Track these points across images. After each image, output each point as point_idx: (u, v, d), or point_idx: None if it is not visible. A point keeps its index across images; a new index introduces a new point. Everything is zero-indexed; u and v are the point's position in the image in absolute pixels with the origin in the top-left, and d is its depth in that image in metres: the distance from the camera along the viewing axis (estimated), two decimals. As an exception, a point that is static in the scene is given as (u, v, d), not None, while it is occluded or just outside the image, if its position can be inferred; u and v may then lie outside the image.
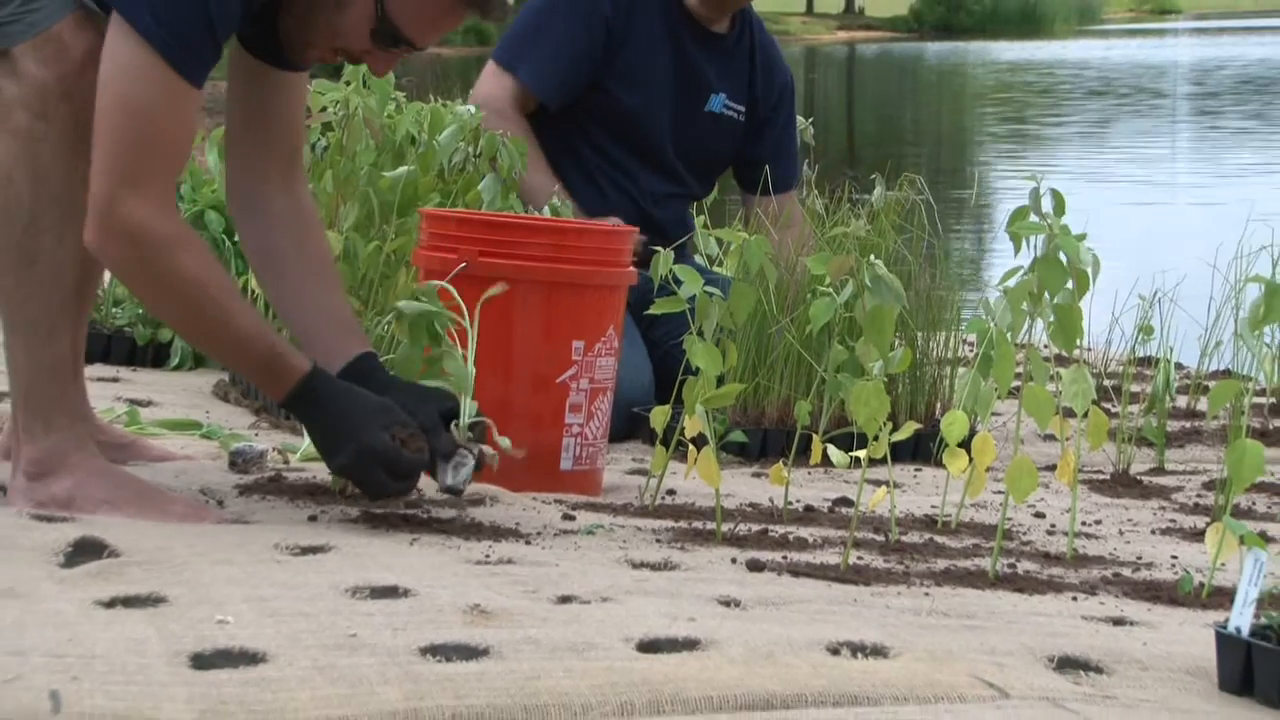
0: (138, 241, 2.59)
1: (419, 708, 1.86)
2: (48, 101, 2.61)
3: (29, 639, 1.96)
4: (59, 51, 2.62)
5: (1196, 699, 2.11)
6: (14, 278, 2.66)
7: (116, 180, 2.56)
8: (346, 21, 2.70)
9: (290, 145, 2.95)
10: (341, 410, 2.70)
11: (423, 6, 2.71)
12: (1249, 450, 2.60)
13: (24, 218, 2.63)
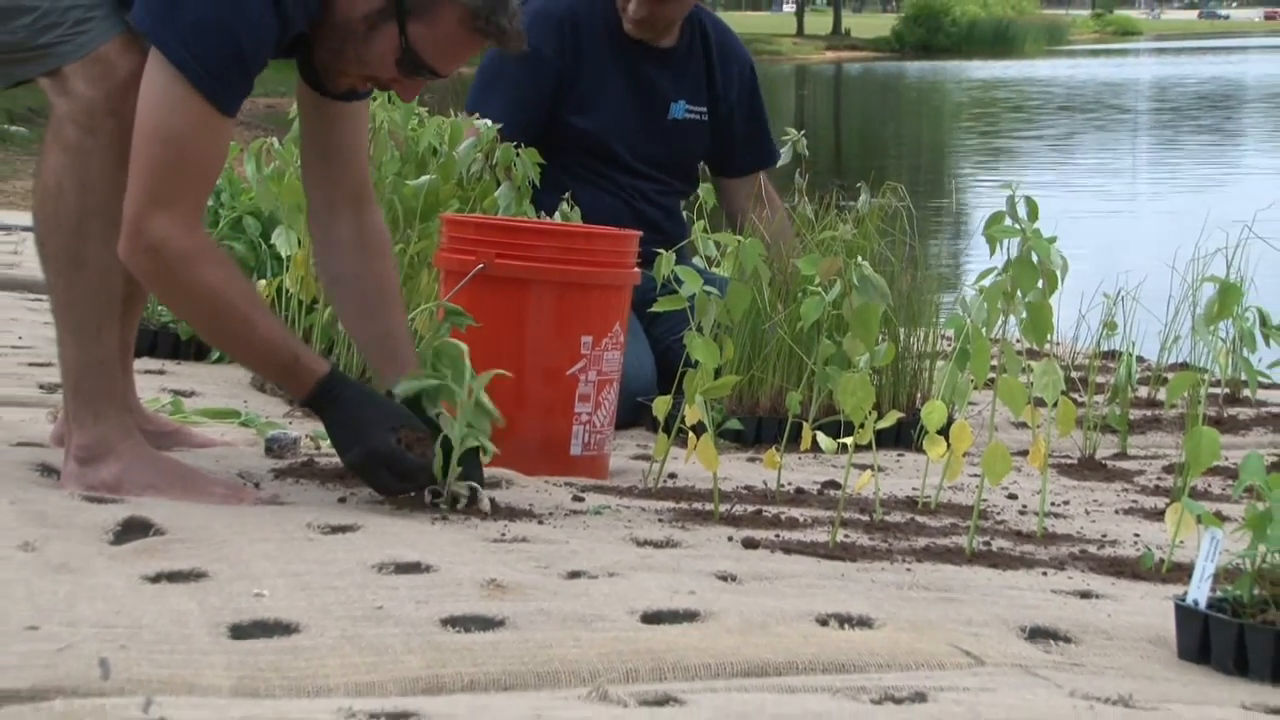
0: (161, 255, 2.59)
1: (440, 675, 1.86)
2: (95, 117, 2.61)
3: (80, 611, 1.96)
4: (106, 71, 2.62)
5: (1157, 666, 2.10)
6: (65, 280, 2.67)
7: (147, 200, 2.56)
8: (374, 53, 2.70)
9: (356, 176, 2.95)
10: (354, 412, 2.70)
11: (443, 38, 2.71)
12: (1205, 437, 2.60)
13: (73, 225, 2.64)
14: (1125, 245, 9.84)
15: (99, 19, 2.63)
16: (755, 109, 4.45)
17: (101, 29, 2.62)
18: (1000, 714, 1.74)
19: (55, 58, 2.61)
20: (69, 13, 2.61)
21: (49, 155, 2.65)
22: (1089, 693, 1.90)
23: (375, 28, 2.68)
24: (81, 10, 2.62)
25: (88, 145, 2.62)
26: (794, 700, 1.77)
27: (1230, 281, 3.52)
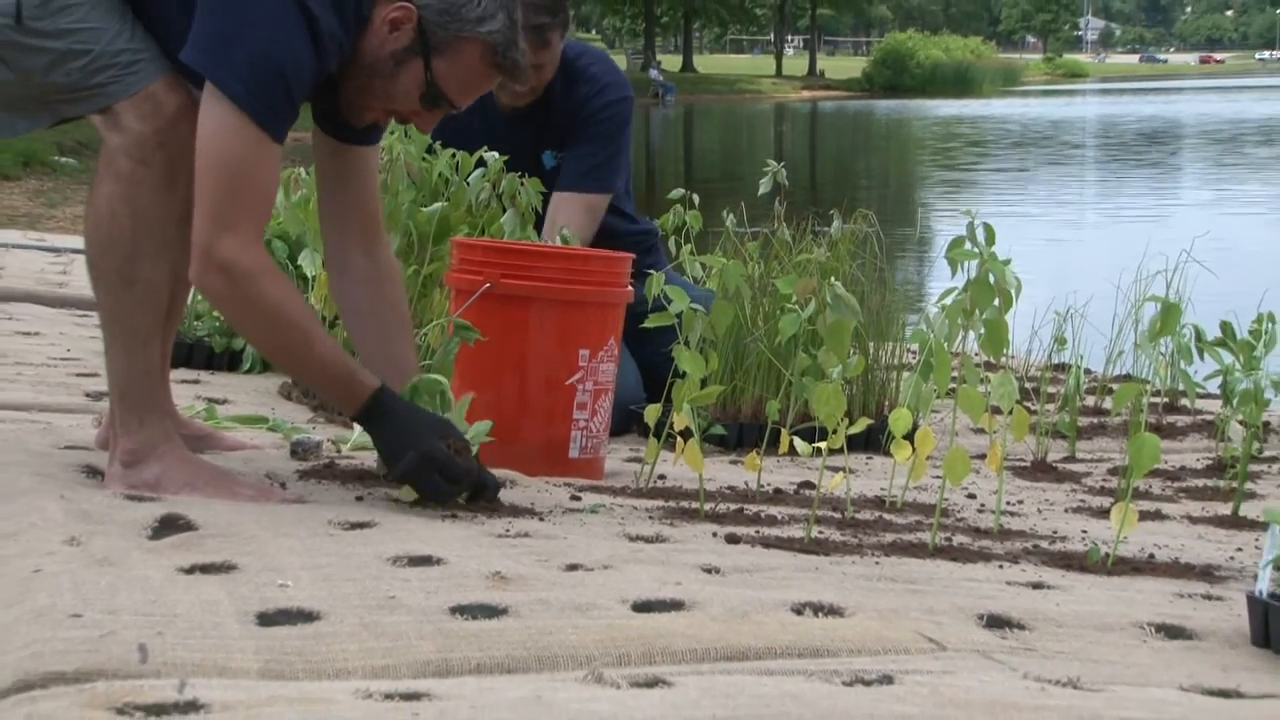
0: (232, 276, 2.58)
1: (449, 659, 1.85)
2: (146, 149, 2.61)
3: (121, 600, 1.95)
4: (155, 107, 2.62)
5: (1104, 650, 2.10)
6: (116, 297, 2.67)
7: (215, 224, 2.56)
8: (399, 87, 2.71)
9: (368, 213, 2.94)
10: (405, 422, 2.69)
11: (463, 73, 2.72)
12: (1147, 442, 2.60)
13: (125, 247, 2.64)
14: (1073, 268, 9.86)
15: (146, 61, 2.63)
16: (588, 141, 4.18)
17: (149, 70, 2.63)
18: (960, 695, 1.74)
19: (108, 96, 2.62)
20: (120, 55, 2.61)
21: (102, 184, 2.65)
22: (1041, 675, 1.89)
23: (402, 64, 2.69)
24: (131, 53, 2.62)
25: (139, 175, 2.62)
26: (772, 682, 1.77)
27: (1170, 301, 3.52)
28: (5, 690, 1.68)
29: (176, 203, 2.65)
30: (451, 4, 2.67)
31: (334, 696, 1.66)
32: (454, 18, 2.68)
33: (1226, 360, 3.79)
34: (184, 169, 2.63)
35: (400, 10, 2.66)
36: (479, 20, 2.68)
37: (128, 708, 1.59)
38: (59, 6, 2.58)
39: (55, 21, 2.58)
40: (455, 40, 2.69)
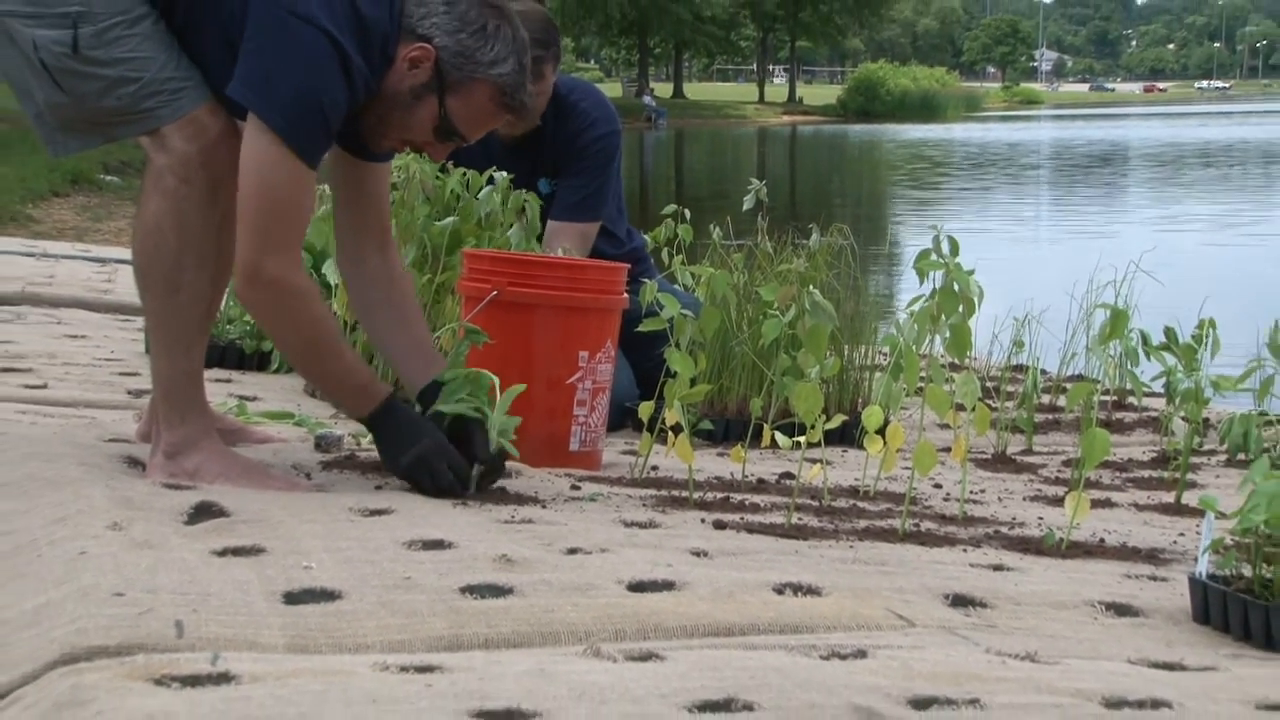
0: (276, 291, 2.60)
1: (459, 634, 1.85)
2: (190, 169, 2.62)
3: (159, 580, 1.95)
4: (199, 130, 2.62)
5: (1059, 626, 2.10)
6: (161, 303, 2.67)
7: (259, 246, 2.56)
8: (415, 120, 2.72)
9: (380, 220, 2.95)
10: (406, 427, 2.72)
11: (474, 110, 2.73)
12: (1098, 437, 2.60)
13: (171, 258, 2.64)
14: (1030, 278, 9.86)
15: (191, 88, 2.63)
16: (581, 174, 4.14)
17: (194, 96, 2.63)
18: (928, 668, 1.73)
19: (156, 119, 2.62)
20: (167, 82, 2.61)
21: (149, 200, 2.65)
22: (1001, 649, 1.89)
23: (419, 99, 2.70)
24: (177, 81, 2.62)
25: (184, 192, 2.62)
26: (756, 656, 1.77)
27: (1119, 309, 3.52)
28: (53, 662, 1.68)
29: (217, 217, 2.66)
30: (466, 47, 2.68)
31: (354, 669, 1.66)
32: (468, 60, 2.69)
33: (1170, 362, 3.80)
34: (224, 187, 2.63)
35: (420, 50, 2.67)
36: (491, 64, 2.70)
37: (165, 679, 1.59)
38: (113, 37, 2.58)
39: (109, 51, 2.58)
40: (468, 81, 2.70)
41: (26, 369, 4.00)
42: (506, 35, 2.72)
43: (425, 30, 2.68)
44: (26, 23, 2.56)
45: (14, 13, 2.56)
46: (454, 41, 2.68)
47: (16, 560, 2.10)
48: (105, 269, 7.16)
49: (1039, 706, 1.60)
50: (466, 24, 2.69)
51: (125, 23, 2.59)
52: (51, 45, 2.56)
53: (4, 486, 2.48)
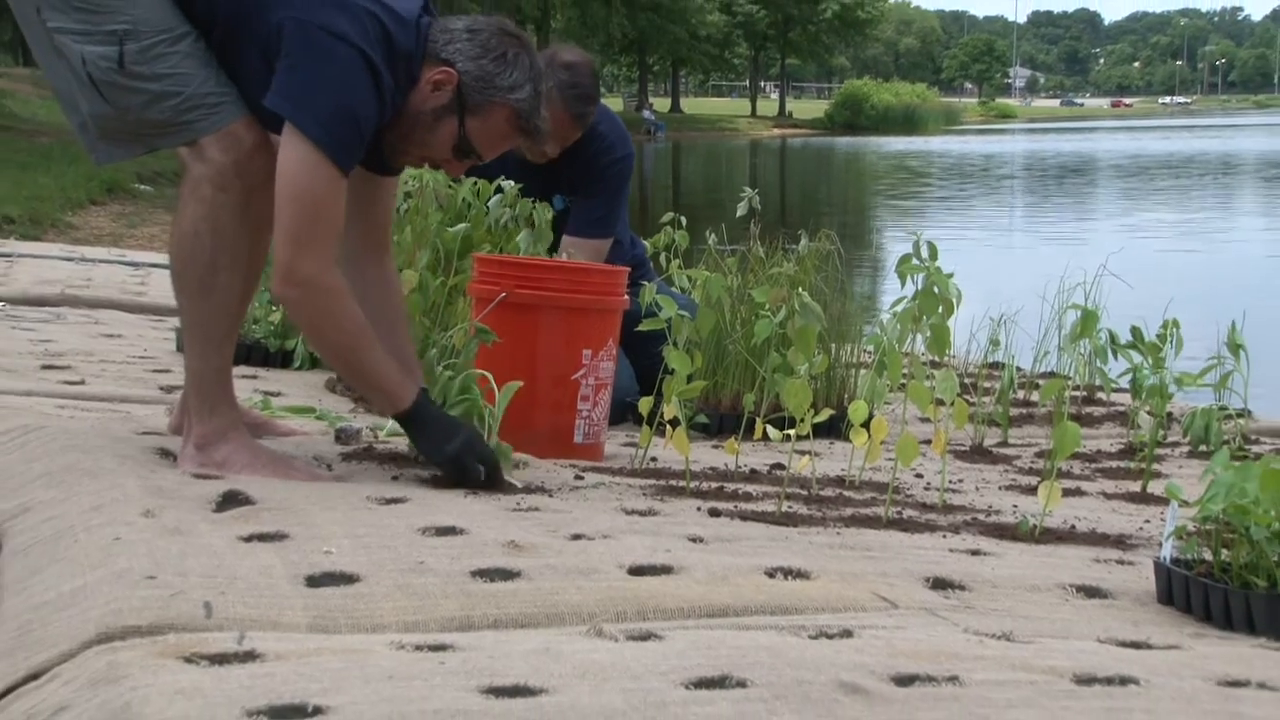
0: (311, 290, 2.59)
1: (470, 615, 1.85)
2: (226, 178, 2.62)
3: (189, 564, 1.95)
4: (235, 142, 2.62)
5: (1032, 607, 2.10)
6: (196, 304, 2.67)
7: (296, 247, 2.56)
8: (436, 139, 2.72)
9: (382, 231, 2.93)
10: (442, 421, 2.71)
11: (492, 131, 2.73)
12: (1069, 430, 2.59)
13: (206, 261, 2.64)
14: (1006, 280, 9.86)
15: (229, 102, 2.63)
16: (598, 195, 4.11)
17: (231, 110, 2.63)
18: (910, 647, 1.73)
19: (196, 131, 2.62)
20: (207, 97, 2.61)
21: (187, 206, 2.65)
22: (979, 629, 1.89)
23: (440, 119, 2.70)
24: (216, 96, 2.62)
25: (220, 200, 2.62)
26: (748, 635, 1.76)
27: (1088, 309, 3.52)
28: (89, 641, 1.68)
29: (250, 224, 2.66)
30: (487, 72, 2.69)
31: (372, 647, 1.66)
32: (488, 84, 2.69)
33: (1136, 360, 3.79)
34: (257, 196, 2.63)
35: (443, 74, 2.67)
36: (509, 89, 2.70)
37: (194, 657, 1.59)
38: (156, 54, 2.58)
39: (152, 67, 2.58)
40: (488, 104, 2.70)
41: (65, 366, 3.99)
42: (524, 63, 2.72)
43: (449, 55, 2.68)
44: (76, 39, 2.56)
45: (65, 29, 2.57)
46: (476, 66, 2.68)
47: (56, 545, 2.10)
48: (139, 273, 7.15)
49: (1014, 683, 1.60)
50: (488, 51, 2.70)
51: (168, 40, 2.59)
52: (99, 60, 2.56)
53: (44, 476, 2.47)
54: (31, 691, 1.60)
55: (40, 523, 2.23)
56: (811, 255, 4.17)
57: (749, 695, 1.50)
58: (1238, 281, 12.60)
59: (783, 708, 1.47)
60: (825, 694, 1.51)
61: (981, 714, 1.48)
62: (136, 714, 1.41)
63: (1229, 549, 2.14)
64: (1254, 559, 2.10)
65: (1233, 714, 1.55)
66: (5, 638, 1.79)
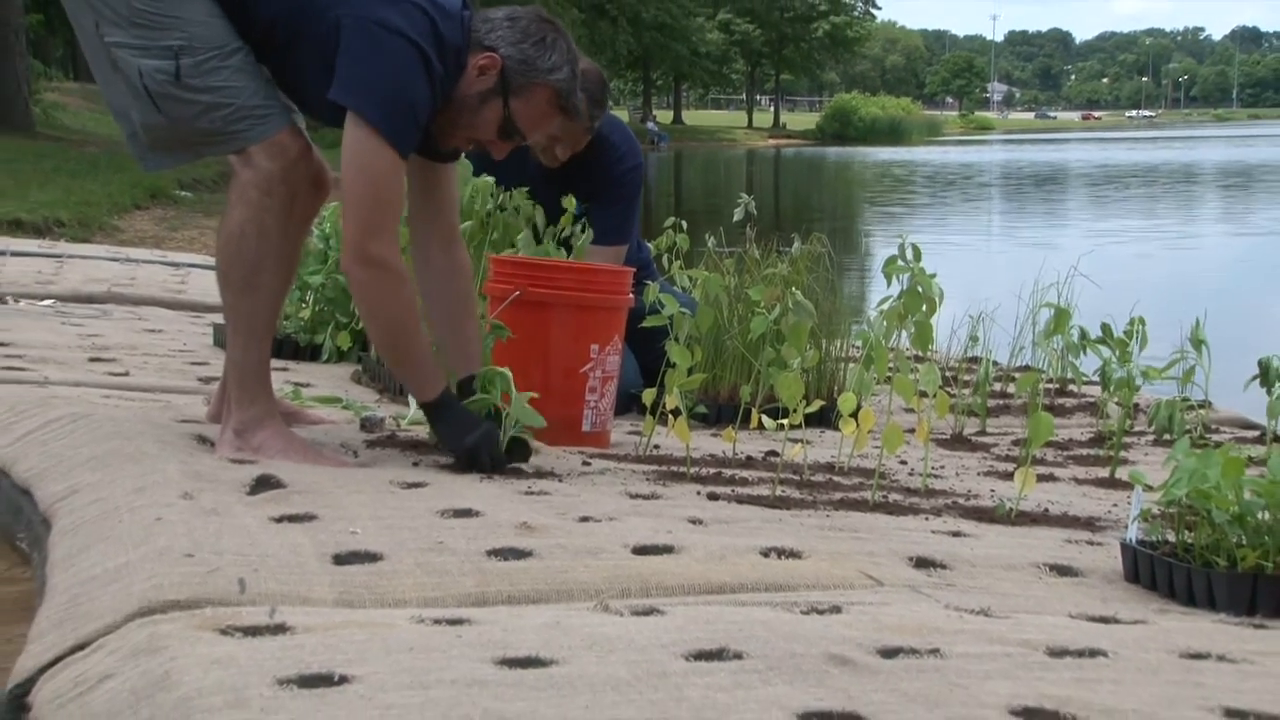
0: (380, 272, 2.58)
1: (485, 591, 1.84)
2: (272, 183, 2.62)
3: (224, 543, 1.94)
4: (281, 151, 2.63)
5: (1009, 585, 2.09)
6: (240, 300, 2.67)
7: (364, 227, 2.56)
8: (482, 120, 2.72)
9: (448, 218, 2.90)
10: (463, 414, 2.71)
11: (535, 111, 2.73)
12: (1043, 420, 2.59)
13: (252, 261, 2.64)
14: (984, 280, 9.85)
15: (275, 114, 2.64)
16: (614, 203, 4.07)
17: (277, 121, 2.63)
18: (895, 622, 1.73)
19: (244, 140, 2.62)
20: (256, 109, 2.61)
21: (234, 209, 2.65)
22: (959, 605, 1.88)
23: (486, 102, 2.70)
24: (264, 108, 2.63)
25: (266, 204, 2.62)
26: (744, 611, 1.76)
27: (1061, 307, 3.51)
28: (132, 614, 1.68)
29: (293, 226, 2.67)
30: (528, 56, 2.69)
31: (394, 621, 1.65)
32: (530, 67, 2.69)
33: (1105, 354, 3.79)
34: (299, 200, 2.65)
35: (487, 59, 2.68)
36: (550, 70, 2.70)
37: (229, 629, 1.59)
38: (210, 68, 2.59)
39: (206, 80, 2.58)
40: (530, 85, 2.70)
41: (111, 359, 3.99)
42: (562, 46, 2.73)
43: (491, 41, 2.69)
44: (134, 53, 2.57)
45: (123, 44, 2.57)
46: (517, 51, 2.69)
47: (101, 525, 2.09)
48: (179, 272, 7.15)
49: (991, 655, 1.60)
50: (528, 36, 2.70)
51: (220, 55, 2.60)
52: (156, 73, 2.57)
53: (91, 460, 2.47)
54: (79, 660, 1.60)
55: (87, 504, 2.23)
56: (804, 257, 4.16)
57: (745, 666, 1.50)
58: (1200, 281, 12.59)
59: (776, 678, 1.46)
60: (816, 665, 1.51)
61: (961, 684, 1.47)
62: (175, 682, 1.41)
63: (1191, 531, 2.13)
64: (1215, 540, 2.09)
65: (1194, 684, 1.55)
66: (54, 610, 1.79)
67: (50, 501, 2.32)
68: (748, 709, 1.36)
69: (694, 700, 1.38)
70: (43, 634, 1.72)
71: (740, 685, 1.44)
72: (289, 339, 4.43)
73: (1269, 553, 2.04)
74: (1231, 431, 3.96)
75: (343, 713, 1.32)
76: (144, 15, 2.56)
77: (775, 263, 4.05)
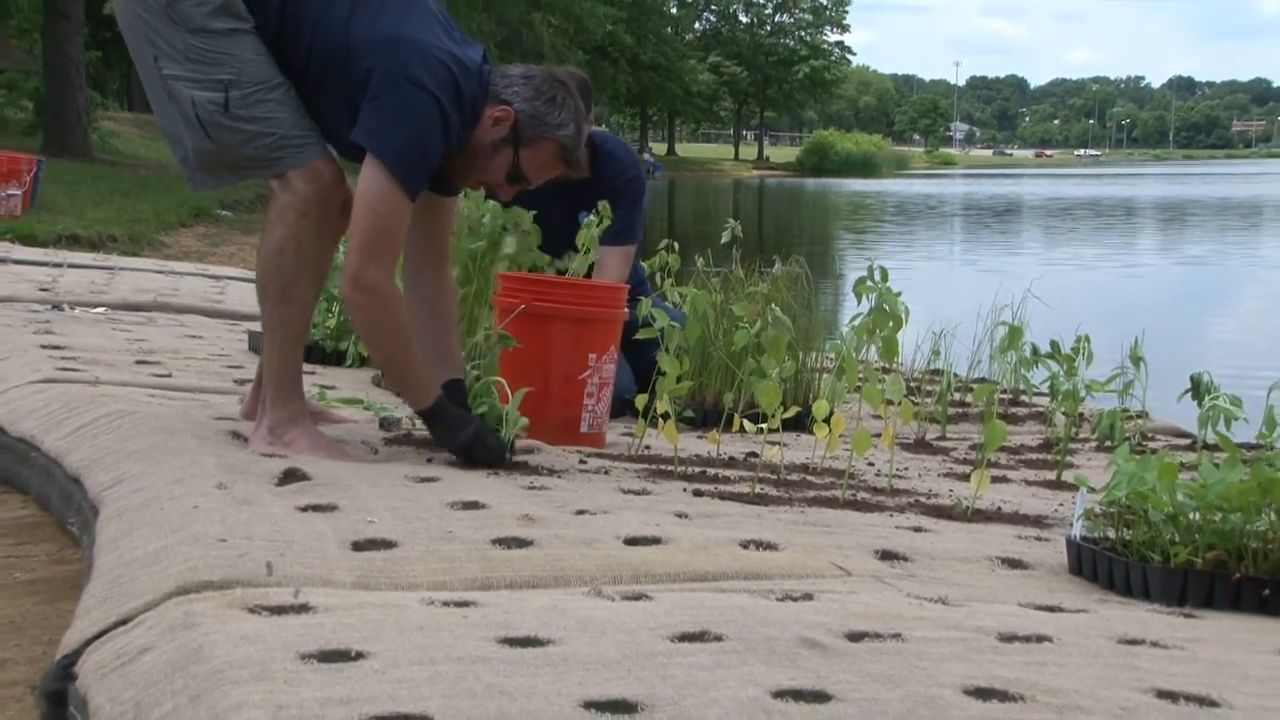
0: (374, 295, 2.57)
1: (490, 577, 1.84)
2: (308, 205, 2.62)
3: (254, 530, 1.93)
4: (316, 176, 2.63)
5: (964, 576, 2.09)
6: (278, 310, 2.66)
7: (365, 257, 2.55)
8: (493, 167, 2.71)
9: (441, 244, 2.90)
10: (456, 416, 2.70)
11: (540, 162, 2.73)
12: (997, 427, 2.59)
13: (289, 275, 2.64)
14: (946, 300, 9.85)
15: (314, 143, 2.64)
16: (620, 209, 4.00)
17: (315, 150, 2.64)
18: (861, 608, 1.72)
19: (284, 166, 2.62)
20: (295, 138, 2.62)
21: (274, 229, 2.65)
22: (919, 594, 1.88)
23: (498, 150, 2.70)
24: (303, 137, 2.63)
25: (302, 224, 2.62)
26: (725, 597, 1.75)
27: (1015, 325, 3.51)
28: (169, 593, 1.67)
29: (326, 244, 2.67)
30: (540, 111, 2.69)
31: (406, 603, 1.65)
32: (540, 122, 2.69)
33: (1054, 368, 3.78)
34: (330, 221, 2.65)
35: (503, 112, 2.68)
36: (558, 126, 2.71)
37: (257, 608, 1.58)
38: (255, 100, 2.59)
39: (251, 111, 2.59)
40: (539, 139, 2.70)
41: (156, 362, 3.98)
42: (571, 105, 2.73)
43: (507, 96, 2.69)
44: (188, 85, 2.57)
45: (179, 77, 2.58)
46: (530, 106, 2.69)
47: (143, 512, 2.08)
48: (219, 284, 7.12)
49: (948, 639, 1.59)
50: (540, 94, 2.71)
51: (265, 89, 2.60)
52: (208, 104, 2.57)
53: (135, 453, 2.46)
54: (120, 634, 1.59)
55: (131, 492, 2.22)
56: (783, 277, 4.16)
57: (724, 648, 1.49)
58: (1139, 304, 12.61)
59: (752, 658, 1.46)
60: (789, 648, 1.50)
61: (920, 666, 1.47)
62: (207, 655, 1.40)
63: (1130, 528, 2.13)
64: (1150, 537, 2.09)
65: (1130, 667, 1.54)
66: (100, 589, 1.78)
67: (98, 490, 2.31)
68: (726, 686, 1.36)
69: (678, 678, 1.37)
70: (89, 610, 1.71)
71: (720, 665, 1.43)
72: (316, 345, 4.41)
73: (1199, 550, 2.03)
74: (1166, 439, 3.96)
75: (359, 685, 1.31)
76: (198, 51, 2.57)
77: (757, 282, 4.05)
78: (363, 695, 1.29)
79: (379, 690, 1.30)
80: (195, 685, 1.34)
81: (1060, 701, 1.37)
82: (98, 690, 1.45)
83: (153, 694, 1.38)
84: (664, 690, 1.33)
